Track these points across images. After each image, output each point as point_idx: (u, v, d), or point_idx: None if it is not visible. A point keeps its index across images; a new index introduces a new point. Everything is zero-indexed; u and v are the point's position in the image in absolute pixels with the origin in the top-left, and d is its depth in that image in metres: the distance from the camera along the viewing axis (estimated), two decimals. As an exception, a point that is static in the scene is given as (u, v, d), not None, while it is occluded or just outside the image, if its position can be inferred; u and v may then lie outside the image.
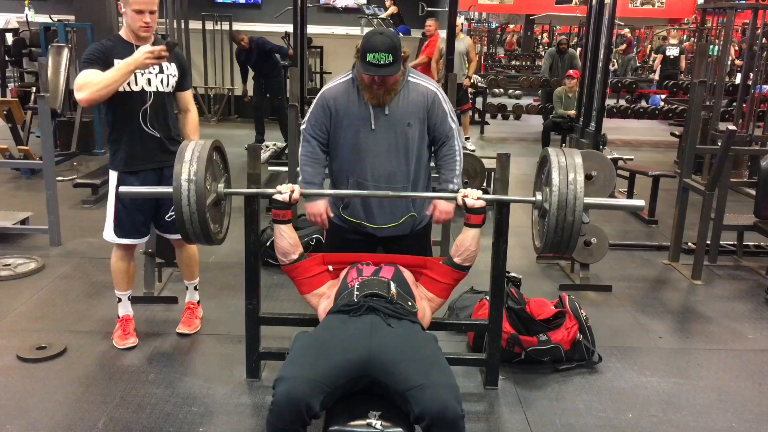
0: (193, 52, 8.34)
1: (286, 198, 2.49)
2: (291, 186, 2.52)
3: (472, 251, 2.51)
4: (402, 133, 2.63)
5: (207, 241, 2.44)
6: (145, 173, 3.03)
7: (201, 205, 2.26)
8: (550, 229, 2.19)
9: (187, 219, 2.29)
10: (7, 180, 6.37)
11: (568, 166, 2.20)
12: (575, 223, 2.15)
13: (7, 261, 4.16)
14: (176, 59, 3.05)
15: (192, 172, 2.26)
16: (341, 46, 9.49)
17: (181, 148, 2.36)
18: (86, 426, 2.57)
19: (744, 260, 4.73)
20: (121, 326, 3.22)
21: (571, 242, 2.20)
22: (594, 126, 5.01)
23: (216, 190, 2.45)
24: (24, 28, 10.16)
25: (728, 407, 2.87)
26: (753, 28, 7.19)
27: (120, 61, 2.79)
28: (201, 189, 2.25)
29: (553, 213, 2.15)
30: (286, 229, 2.53)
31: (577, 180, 2.17)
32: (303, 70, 5.99)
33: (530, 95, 13.07)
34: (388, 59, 2.43)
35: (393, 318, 2.19)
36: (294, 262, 2.55)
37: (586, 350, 3.15)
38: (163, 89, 2.99)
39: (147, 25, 2.85)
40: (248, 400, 2.81)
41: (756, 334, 3.61)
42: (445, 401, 1.89)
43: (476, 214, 2.50)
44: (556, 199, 2.15)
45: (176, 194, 2.27)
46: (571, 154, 2.26)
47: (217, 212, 2.50)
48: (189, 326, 3.35)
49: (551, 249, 2.30)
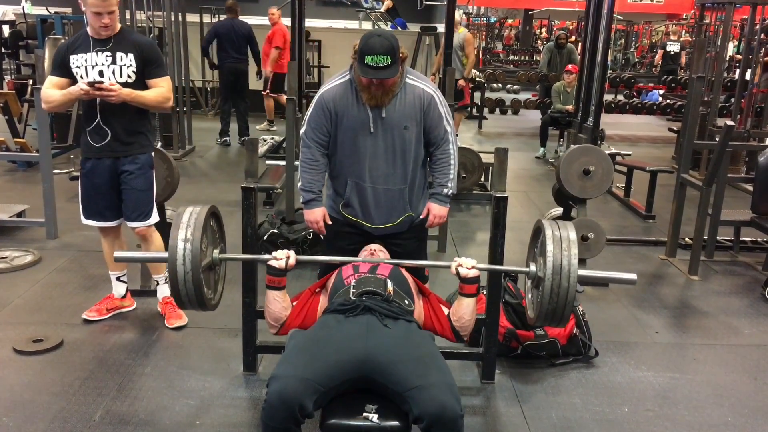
0: (191, 45, 8.30)
1: (282, 265, 2.35)
2: (287, 252, 2.38)
3: (466, 320, 2.38)
4: (399, 136, 2.62)
5: (200, 306, 2.32)
6: (101, 161, 3.14)
7: (195, 266, 2.20)
8: (545, 295, 2.19)
9: (180, 280, 2.22)
10: (4, 173, 6.36)
11: (562, 238, 2.21)
12: (570, 289, 2.16)
13: (3, 253, 4.15)
14: (136, 49, 3.07)
15: (188, 234, 2.22)
16: (339, 39, 9.46)
17: (179, 211, 2.33)
18: (83, 418, 2.57)
19: (741, 256, 4.74)
20: (100, 300, 3.41)
21: (566, 310, 2.21)
22: (592, 121, 5.00)
23: (212, 255, 2.40)
24: (21, 19, 10.11)
25: (724, 402, 2.88)
26: (751, 23, 7.19)
27: (77, 57, 3.03)
28: (196, 250, 2.20)
29: (548, 278, 2.16)
30: (280, 294, 2.37)
31: (572, 251, 2.19)
32: (301, 64, 5.98)
33: (528, 90, 13.07)
34: (387, 61, 2.41)
35: (389, 318, 2.16)
36: (283, 324, 2.39)
37: (582, 345, 3.16)
38: (117, 80, 3.03)
39: (105, 25, 2.99)
40: (245, 394, 2.81)
41: (752, 329, 3.62)
42: (443, 402, 1.89)
43: (470, 283, 2.36)
44: (551, 265, 2.16)
45: (171, 254, 2.21)
46: (564, 227, 2.28)
47: (211, 278, 2.44)
48: (179, 318, 3.35)
49: (545, 318, 2.27)
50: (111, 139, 3.10)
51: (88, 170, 3.17)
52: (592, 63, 5.05)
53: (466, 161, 5.68)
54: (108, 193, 3.18)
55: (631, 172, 6.11)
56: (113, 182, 3.17)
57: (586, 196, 4.10)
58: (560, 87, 7.92)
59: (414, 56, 9.57)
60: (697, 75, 4.41)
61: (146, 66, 3.10)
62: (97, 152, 3.13)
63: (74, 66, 3.03)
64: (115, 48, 3.04)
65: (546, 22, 21.32)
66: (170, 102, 3.24)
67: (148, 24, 6.90)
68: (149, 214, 3.24)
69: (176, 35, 7.28)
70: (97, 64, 3.02)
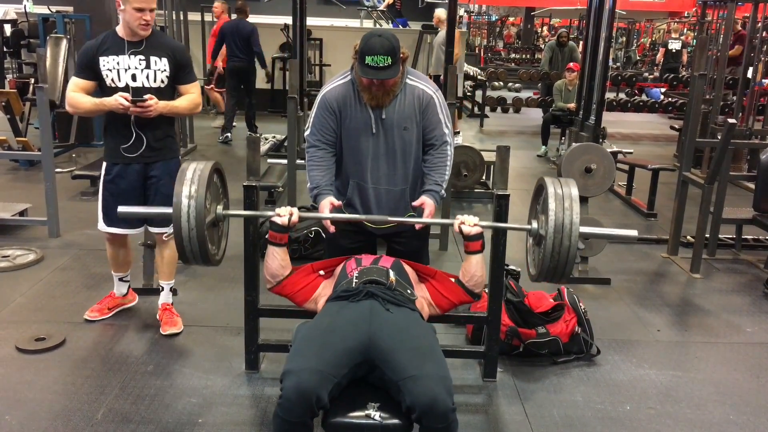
0: (192, 44, 8.31)
1: (285, 221, 2.42)
2: (290, 209, 2.45)
3: (478, 276, 2.47)
4: (400, 137, 2.62)
5: (204, 261, 2.37)
6: (130, 166, 3.08)
7: (200, 222, 2.23)
8: (546, 254, 2.19)
9: (185, 236, 2.25)
10: (6, 171, 6.36)
11: (564, 195, 2.21)
12: (571, 248, 2.15)
13: (5, 252, 4.16)
14: (170, 53, 3.03)
15: (193, 190, 2.24)
16: (340, 38, 9.46)
17: (183, 167, 2.35)
18: (85, 416, 2.58)
19: (743, 254, 4.73)
20: (102, 299, 3.39)
21: (567, 268, 2.20)
22: (594, 119, 5.00)
23: (215, 211, 2.42)
24: (22, 19, 10.11)
25: (726, 400, 2.87)
26: (753, 21, 7.17)
27: (107, 59, 2.94)
28: (201, 206, 2.23)
29: (550, 237, 2.15)
30: (281, 251, 2.47)
31: (573, 208, 2.18)
32: (302, 63, 5.98)
33: (530, 88, 13.05)
34: (387, 62, 2.41)
35: (392, 304, 2.19)
36: (280, 282, 2.49)
37: (584, 343, 3.16)
38: (150, 85, 2.99)
39: (146, 23, 2.91)
40: (247, 392, 2.81)
41: (754, 327, 3.62)
42: (435, 394, 1.89)
43: (474, 240, 2.45)
44: (552, 224, 2.15)
45: (176, 211, 2.25)
46: (567, 184, 2.27)
47: (215, 234, 2.47)
48: (174, 325, 3.28)
49: (546, 275, 2.28)
50: (145, 147, 3.05)
51: (114, 176, 3.09)
52: (594, 61, 5.05)
53: (467, 159, 5.68)
54: (133, 199, 3.10)
55: (632, 170, 6.10)
56: (139, 188, 3.12)
57: (587, 194, 4.10)
58: (562, 85, 7.92)
59: (415, 55, 9.57)
60: (699, 73, 4.40)
61: (179, 71, 3.06)
62: (127, 159, 3.06)
63: (104, 68, 2.94)
64: (148, 51, 2.97)
65: (548, 20, 21.31)
66: (200, 107, 3.23)
67: (150, 22, 6.89)
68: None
69: (178, 33, 7.27)
70: (129, 68, 2.95)
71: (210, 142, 8.05)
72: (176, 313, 3.36)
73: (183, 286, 3.77)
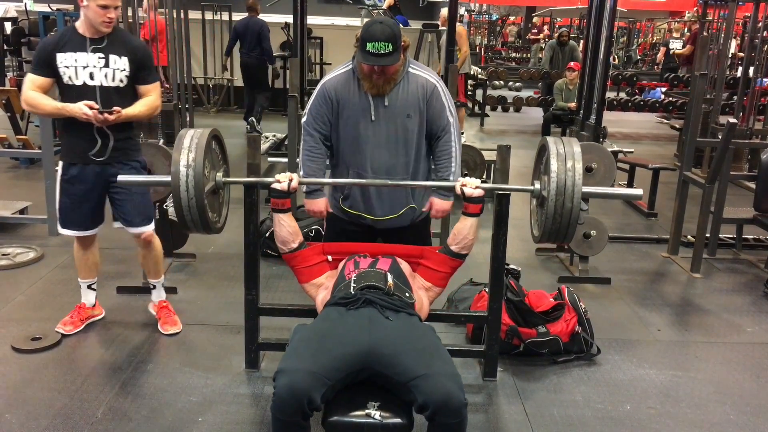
0: (193, 42, 8.29)
1: (285, 187, 2.48)
2: (289, 174, 2.51)
3: (469, 240, 2.52)
4: (402, 125, 2.61)
5: (205, 229, 2.41)
6: (88, 167, 2.99)
7: (199, 191, 2.24)
8: (548, 216, 2.18)
9: (185, 205, 2.26)
10: (6, 169, 6.36)
11: (566, 154, 2.19)
12: (573, 209, 2.14)
13: (6, 250, 4.15)
14: (130, 52, 2.93)
15: (190, 159, 2.24)
16: (341, 36, 9.46)
17: (180, 135, 2.35)
18: (85, 415, 2.57)
19: (743, 253, 4.73)
20: (71, 312, 3.27)
21: (569, 230, 2.19)
22: (594, 119, 4.99)
23: (214, 178, 2.43)
24: (23, 17, 10.10)
25: (726, 400, 2.87)
26: (754, 21, 7.16)
27: (65, 56, 2.84)
28: (199, 175, 2.24)
29: (552, 199, 2.13)
30: (286, 217, 2.53)
31: (576, 168, 2.16)
32: (303, 61, 5.97)
33: (530, 87, 13.04)
34: (388, 48, 2.41)
35: (390, 311, 2.18)
36: (294, 250, 2.55)
37: (584, 342, 3.16)
38: (108, 84, 2.90)
39: (110, 20, 2.83)
40: (247, 390, 2.81)
41: (754, 327, 3.62)
42: (448, 390, 1.90)
43: (474, 203, 2.50)
44: (554, 186, 2.14)
45: (174, 180, 2.25)
46: (569, 143, 2.25)
47: (215, 201, 2.48)
48: (174, 325, 3.26)
49: (549, 237, 2.28)
50: (102, 145, 2.95)
51: (71, 177, 3.00)
52: (595, 60, 5.04)
53: (468, 158, 5.66)
54: (93, 200, 3.04)
55: (633, 169, 6.10)
56: (99, 189, 3.03)
57: (588, 193, 4.09)
58: (562, 84, 7.92)
59: (416, 54, 9.55)
60: (700, 72, 4.40)
61: (139, 71, 2.96)
62: (85, 158, 2.97)
63: (62, 65, 2.85)
64: (108, 49, 2.88)
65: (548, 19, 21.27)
66: (159, 110, 3.13)
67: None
68: (152, 217, 3.20)
69: (178, 32, 7.26)
70: (88, 65, 2.86)
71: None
72: (173, 311, 3.35)
73: (183, 284, 3.77)
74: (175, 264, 4.06)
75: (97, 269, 3.31)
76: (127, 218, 3.09)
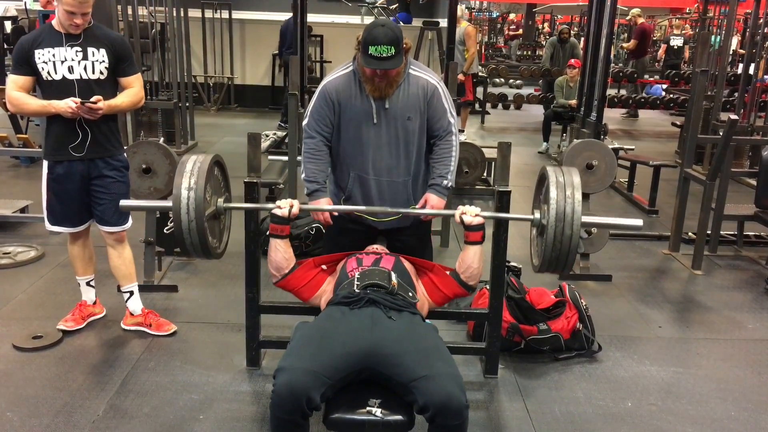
0: (193, 40, 8.30)
1: (286, 213, 2.43)
2: (290, 201, 2.46)
3: (474, 269, 2.45)
4: (402, 127, 2.61)
5: (205, 254, 2.35)
6: (73, 165, 2.98)
7: (200, 214, 2.21)
8: (548, 243, 2.17)
9: (185, 228, 2.23)
10: (7, 168, 6.36)
11: (566, 183, 2.19)
12: (573, 236, 2.13)
13: (6, 249, 4.16)
14: (108, 44, 2.93)
15: (192, 182, 2.22)
16: (341, 34, 9.45)
17: (182, 160, 2.34)
18: (87, 413, 2.58)
19: (744, 250, 4.73)
20: (73, 309, 3.26)
21: (569, 257, 2.18)
22: (595, 116, 4.99)
23: (216, 203, 2.41)
24: (23, 16, 10.10)
25: (727, 396, 2.87)
26: (755, 17, 7.15)
27: (42, 51, 2.85)
28: (200, 198, 2.21)
29: (552, 226, 2.13)
30: (283, 243, 2.47)
31: (575, 196, 2.16)
32: (303, 59, 5.97)
33: (531, 85, 13.02)
34: (390, 52, 2.40)
35: (393, 310, 2.17)
36: (286, 275, 2.48)
37: (585, 339, 3.16)
38: (89, 77, 2.90)
39: (77, 25, 2.84)
40: (248, 388, 2.81)
41: (756, 323, 3.62)
42: (449, 391, 1.89)
43: (474, 231, 2.44)
44: (554, 212, 2.14)
45: (175, 203, 2.23)
46: (569, 173, 2.25)
47: (216, 226, 2.45)
48: (168, 324, 3.24)
49: (549, 265, 2.26)
50: (84, 141, 2.93)
51: (59, 175, 2.98)
52: (595, 57, 5.03)
53: (468, 156, 5.67)
54: (79, 197, 3.03)
55: (634, 166, 6.09)
56: (85, 186, 3.01)
57: (589, 190, 4.09)
58: (563, 82, 7.90)
59: (416, 52, 9.54)
60: (701, 69, 4.39)
61: (119, 63, 2.96)
62: (70, 155, 2.95)
63: (40, 61, 2.84)
64: (85, 43, 2.88)
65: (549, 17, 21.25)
66: (143, 101, 3.13)
67: (150, 19, 6.89)
68: (129, 216, 3.15)
69: (178, 31, 7.27)
70: (66, 60, 2.86)
71: (211, 138, 8.04)
72: (158, 314, 3.30)
73: (184, 283, 3.77)
74: (176, 262, 4.06)
75: (94, 265, 3.31)
76: (104, 217, 3.07)
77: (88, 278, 3.30)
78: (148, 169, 3.57)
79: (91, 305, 3.33)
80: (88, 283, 3.31)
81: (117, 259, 3.21)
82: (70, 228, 3.12)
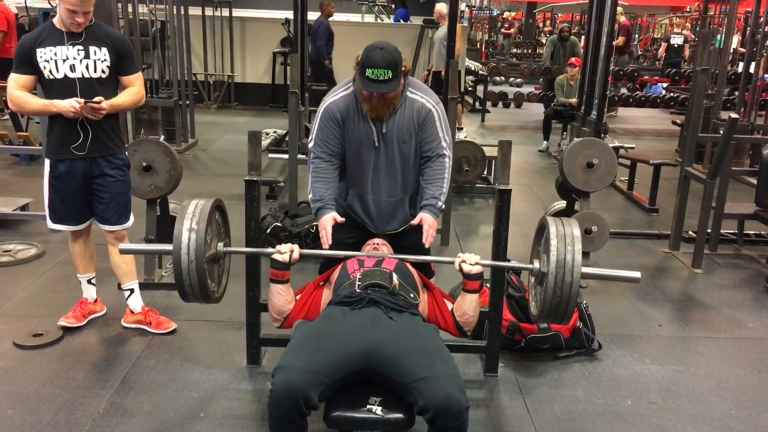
0: (193, 38, 8.29)
1: (286, 258, 2.35)
2: (290, 246, 2.39)
3: (469, 316, 2.39)
4: (399, 150, 2.61)
5: (203, 297, 2.30)
6: (75, 163, 2.98)
7: (200, 255, 2.19)
8: (548, 290, 2.17)
9: (185, 269, 2.21)
10: (7, 166, 6.36)
11: (566, 234, 2.20)
12: (573, 284, 2.14)
13: (7, 247, 4.16)
14: (109, 43, 2.93)
15: (194, 223, 2.22)
16: (341, 32, 9.43)
17: (184, 204, 2.32)
18: (88, 410, 2.58)
19: (744, 249, 4.73)
20: (74, 307, 3.27)
21: (569, 306, 2.18)
22: (595, 114, 4.99)
23: (216, 247, 2.39)
24: (23, 13, 10.10)
25: (727, 395, 2.88)
26: (756, 16, 7.14)
27: (44, 50, 2.85)
28: (201, 239, 2.19)
29: (552, 272, 2.14)
30: (284, 288, 2.39)
31: (576, 246, 2.16)
32: (303, 57, 5.97)
33: (531, 83, 13.02)
34: (388, 75, 2.39)
35: (394, 311, 2.17)
36: (287, 317, 2.41)
37: (585, 338, 3.16)
38: (90, 75, 2.90)
39: (78, 24, 2.84)
40: (248, 386, 2.82)
41: (756, 322, 3.62)
42: (449, 393, 1.89)
43: (473, 280, 2.38)
44: (554, 259, 2.14)
45: (176, 243, 2.20)
46: (569, 224, 2.26)
47: (215, 270, 2.43)
48: (168, 322, 3.25)
49: (549, 314, 2.25)
50: (86, 140, 2.94)
51: (61, 173, 2.98)
52: (596, 56, 5.03)
53: (469, 155, 5.68)
54: (80, 196, 3.03)
55: (634, 165, 6.10)
56: (86, 184, 3.02)
57: (589, 189, 4.09)
58: (563, 80, 7.90)
59: (416, 50, 9.54)
60: (701, 68, 4.39)
61: (120, 62, 2.97)
62: (72, 154, 2.95)
63: (42, 60, 2.85)
64: (87, 41, 2.89)
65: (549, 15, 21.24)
66: (144, 99, 3.13)
67: (150, 17, 6.89)
68: (130, 215, 3.16)
69: (178, 28, 7.27)
70: (68, 58, 2.86)
71: (211, 136, 8.04)
72: (158, 312, 3.30)
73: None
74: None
75: (95, 263, 3.31)
76: (105, 216, 3.08)
77: (89, 276, 3.30)
78: (149, 167, 3.57)
79: (92, 303, 3.33)
80: (89, 281, 3.31)
81: (117, 257, 3.20)
82: (71, 226, 3.12)
